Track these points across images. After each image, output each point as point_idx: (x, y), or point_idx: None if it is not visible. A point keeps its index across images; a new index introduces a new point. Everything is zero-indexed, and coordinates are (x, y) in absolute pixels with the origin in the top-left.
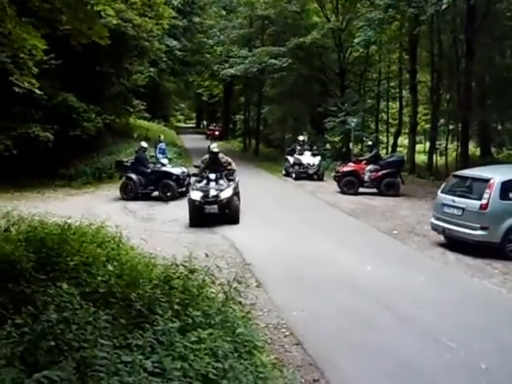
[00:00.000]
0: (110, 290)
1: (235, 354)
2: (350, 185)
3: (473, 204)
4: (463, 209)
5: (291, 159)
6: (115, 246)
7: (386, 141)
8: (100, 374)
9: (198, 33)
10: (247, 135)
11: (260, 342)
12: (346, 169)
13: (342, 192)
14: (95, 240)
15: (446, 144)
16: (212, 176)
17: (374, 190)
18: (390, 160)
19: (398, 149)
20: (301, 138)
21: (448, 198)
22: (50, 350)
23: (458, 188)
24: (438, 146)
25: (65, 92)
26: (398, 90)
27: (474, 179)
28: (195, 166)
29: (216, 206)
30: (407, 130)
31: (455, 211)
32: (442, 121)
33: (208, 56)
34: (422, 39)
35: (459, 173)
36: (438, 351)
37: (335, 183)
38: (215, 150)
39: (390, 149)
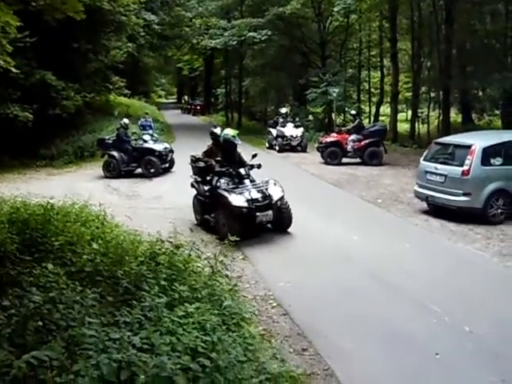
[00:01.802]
0: (96, 268)
1: (223, 327)
2: (333, 155)
3: (455, 170)
4: (445, 176)
5: (274, 132)
6: (99, 225)
7: (368, 110)
8: (89, 352)
9: (176, 6)
10: (229, 109)
11: (248, 313)
12: (328, 139)
13: (326, 163)
14: (79, 219)
15: (428, 112)
16: (242, 171)
17: (358, 160)
18: (372, 129)
19: (381, 118)
20: (283, 110)
21: (430, 166)
22: (38, 331)
23: (440, 155)
24: (419, 114)
25: (42, 70)
26: (378, 59)
27: (456, 146)
28: (196, 160)
29: (270, 212)
30: (389, 99)
31: (438, 178)
32: (423, 89)
33: (187, 29)
34: (402, 6)
35: (441, 140)
36: (424, 317)
37: (319, 154)
38: (236, 141)
39: (372, 118)
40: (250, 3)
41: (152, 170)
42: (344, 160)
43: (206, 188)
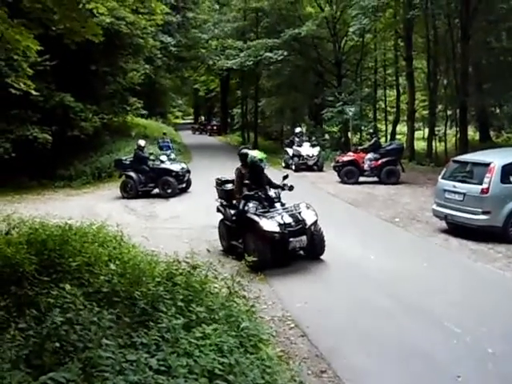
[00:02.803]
0: (113, 289)
1: (241, 349)
2: (350, 174)
3: (474, 189)
4: (464, 194)
5: (290, 151)
6: (117, 245)
7: (384, 129)
8: (105, 374)
9: (192, 28)
10: (245, 129)
11: (265, 335)
12: (345, 158)
13: (343, 182)
14: (96, 240)
15: (445, 130)
16: (272, 194)
17: (375, 179)
18: (389, 148)
19: (397, 136)
20: (298, 130)
21: (449, 184)
22: (56, 352)
23: (459, 173)
24: (436, 132)
25: (61, 92)
26: (394, 78)
27: (474, 164)
28: (222, 183)
29: (304, 238)
30: (405, 118)
31: (456, 197)
32: (439, 107)
33: (203, 51)
34: (417, 25)
35: (459, 158)
36: (444, 337)
37: (335, 173)
38: (263, 165)
39: (388, 137)
40: (266, 24)
41: (169, 191)
42: (361, 179)
43: (233, 212)
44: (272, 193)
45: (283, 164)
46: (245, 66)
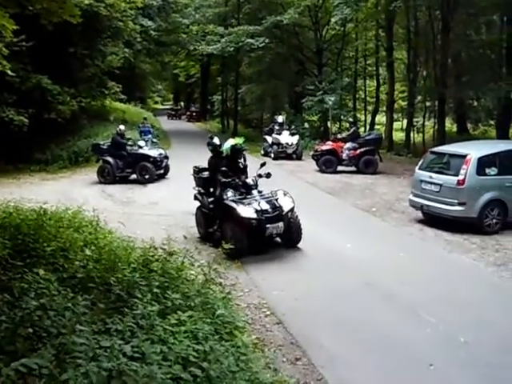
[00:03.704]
0: (89, 274)
1: (216, 336)
2: (328, 163)
3: (450, 180)
4: (441, 185)
5: (269, 139)
6: (93, 231)
7: (363, 119)
8: (78, 360)
9: (173, 12)
10: (225, 116)
11: (241, 322)
12: (324, 147)
13: (321, 171)
14: (72, 225)
15: (423, 121)
16: (250, 181)
17: (353, 168)
18: (368, 138)
19: (376, 126)
20: (279, 119)
21: (425, 175)
22: (29, 338)
23: (436, 164)
24: (415, 124)
25: (38, 74)
26: (375, 68)
27: (451, 155)
28: (199, 171)
29: (281, 224)
30: (385, 108)
31: (433, 187)
32: (418, 98)
33: (184, 36)
34: (399, 16)
35: (436, 149)
36: (418, 326)
37: (314, 162)
38: (245, 147)
39: (367, 126)
40: (247, 11)
41: (147, 176)
42: (339, 168)
43: (211, 200)
44: (249, 180)
45: (262, 152)
46: (226, 51)
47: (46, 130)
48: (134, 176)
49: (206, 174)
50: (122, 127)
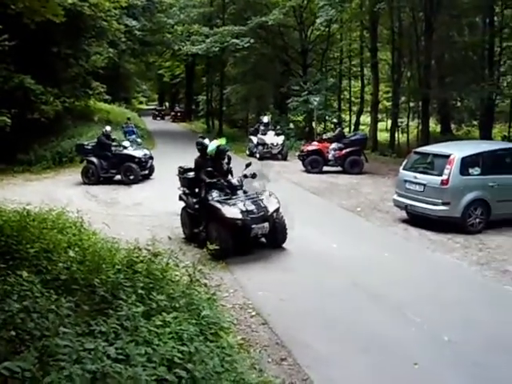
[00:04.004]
0: (72, 276)
1: (201, 337)
2: (314, 163)
3: (434, 180)
4: (425, 185)
5: (255, 139)
6: (76, 232)
7: (348, 119)
8: (62, 363)
9: (158, 12)
10: (210, 116)
11: (226, 323)
12: (310, 148)
13: (307, 171)
14: (56, 226)
15: (408, 121)
16: (235, 181)
17: (339, 169)
18: (353, 138)
19: (361, 127)
20: (265, 119)
21: (410, 175)
22: (11, 341)
23: (420, 164)
24: (399, 124)
25: (21, 74)
26: (359, 69)
27: (435, 155)
28: (184, 172)
29: (266, 224)
30: (369, 108)
31: (417, 187)
32: (403, 98)
33: (169, 36)
34: (383, 17)
35: (420, 149)
36: (403, 326)
37: (299, 162)
38: (228, 148)
39: (352, 127)
40: (233, 11)
41: (131, 177)
42: (325, 168)
43: (196, 200)
44: (234, 180)
45: (247, 152)
46: (211, 51)
47: (30, 130)
48: (118, 177)
49: (191, 174)
50: (108, 128)
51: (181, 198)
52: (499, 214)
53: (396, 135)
